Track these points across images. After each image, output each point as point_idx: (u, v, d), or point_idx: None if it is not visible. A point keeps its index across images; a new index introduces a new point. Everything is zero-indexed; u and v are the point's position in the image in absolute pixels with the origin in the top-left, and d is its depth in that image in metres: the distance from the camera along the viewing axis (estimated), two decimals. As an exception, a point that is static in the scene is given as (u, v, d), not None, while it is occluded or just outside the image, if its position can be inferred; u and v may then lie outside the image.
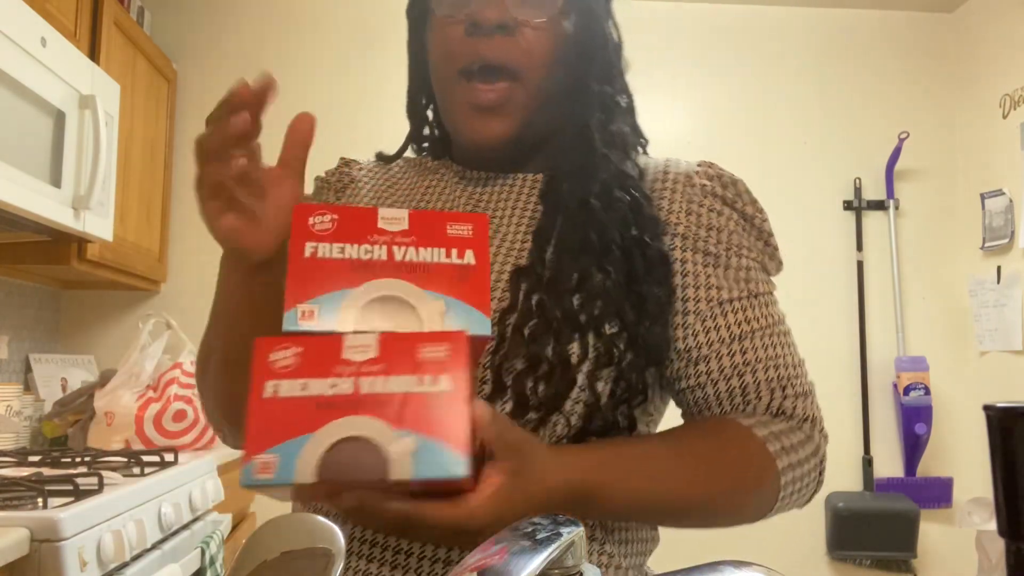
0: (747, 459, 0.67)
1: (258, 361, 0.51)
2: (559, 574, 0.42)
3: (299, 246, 0.56)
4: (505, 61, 0.69)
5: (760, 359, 0.71)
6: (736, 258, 0.73)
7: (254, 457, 0.49)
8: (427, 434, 0.50)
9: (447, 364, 0.52)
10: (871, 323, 3.02)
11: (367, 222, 0.57)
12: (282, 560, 0.48)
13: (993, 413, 0.43)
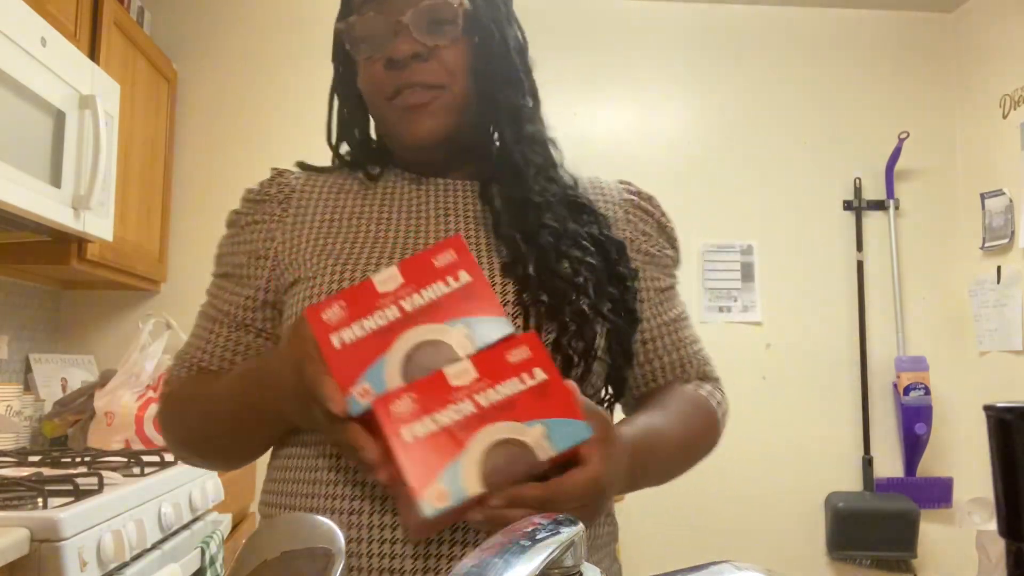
0: (708, 415, 0.86)
1: (383, 416, 0.59)
2: (559, 574, 0.42)
3: (326, 341, 0.62)
4: (426, 80, 0.79)
5: (687, 337, 0.91)
6: (662, 257, 0.91)
7: (425, 492, 0.57)
8: (548, 417, 0.60)
9: (533, 359, 0.62)
10: (871, 323, 3.02)
11: (368, 293, 0.63)
12: (282, 560, 0.48)
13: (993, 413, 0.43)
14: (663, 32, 3.11)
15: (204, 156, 2.87)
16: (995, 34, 2.93)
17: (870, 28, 3.15)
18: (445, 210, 0.84)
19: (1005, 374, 2.80)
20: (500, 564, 0.38)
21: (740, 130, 3.09)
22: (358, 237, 0.82)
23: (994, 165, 2.90)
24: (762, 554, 2.90)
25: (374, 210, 0.85)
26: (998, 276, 2.82)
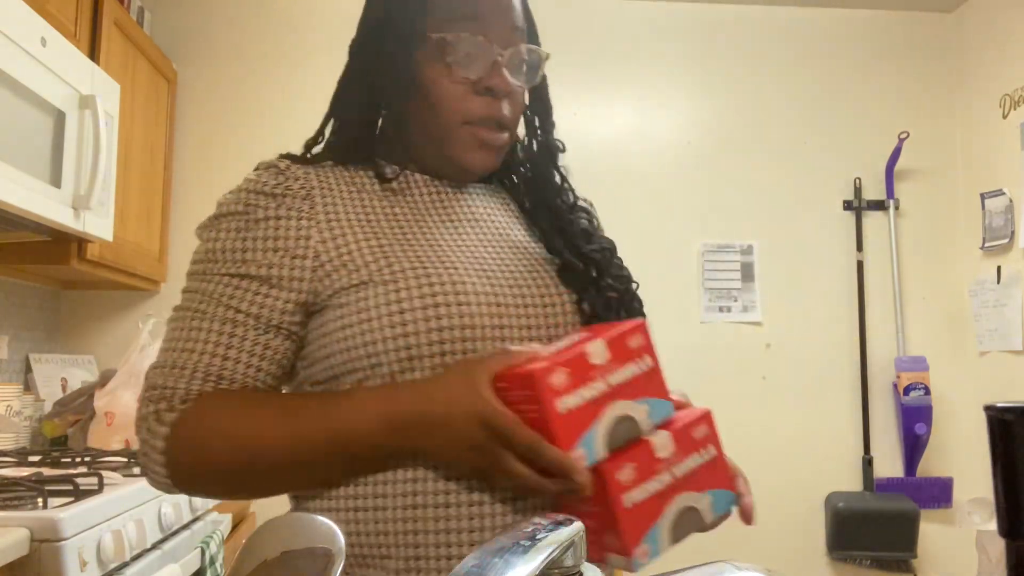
0: None
1: (611, 482, 0.68)
2: (559, 574, 0.42)
3: (551, 405, 0.67)
4: (506, 118, 0.85)
5: None
6: None
7: (635, 550, 0.69)
8: (714, 488, 0.75)
9: (708, 437, 0.75)
10: (871, 323, 3.02)
11: (584, 364, 0.69)
12: (282, 560, 0.48)
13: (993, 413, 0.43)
14: (663, 32, 3.11)
15: (204, 156, 2.87)
16: (995, 34, 2.93)
17: (870, 28, 3.15)
18: (491, 214, 0.90)
19: (1005, 374, 2.80)
20: (500, 564, 0.38)
21: (740, 130, 3.09)
22: (415, 240, 0.81)
23: (994, 165, 2.90)
24: (762, 554, 2.90)
25: (407, 212, 0.84)
26: (998, 276, 2.82)
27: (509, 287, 0.81)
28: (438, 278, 0.77)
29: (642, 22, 3.12)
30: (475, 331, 0.76)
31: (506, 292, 0.80)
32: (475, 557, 0.39)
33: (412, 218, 0.84)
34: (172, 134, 2.79)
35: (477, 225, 0.87)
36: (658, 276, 3.00)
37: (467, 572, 0.38)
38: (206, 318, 0.79)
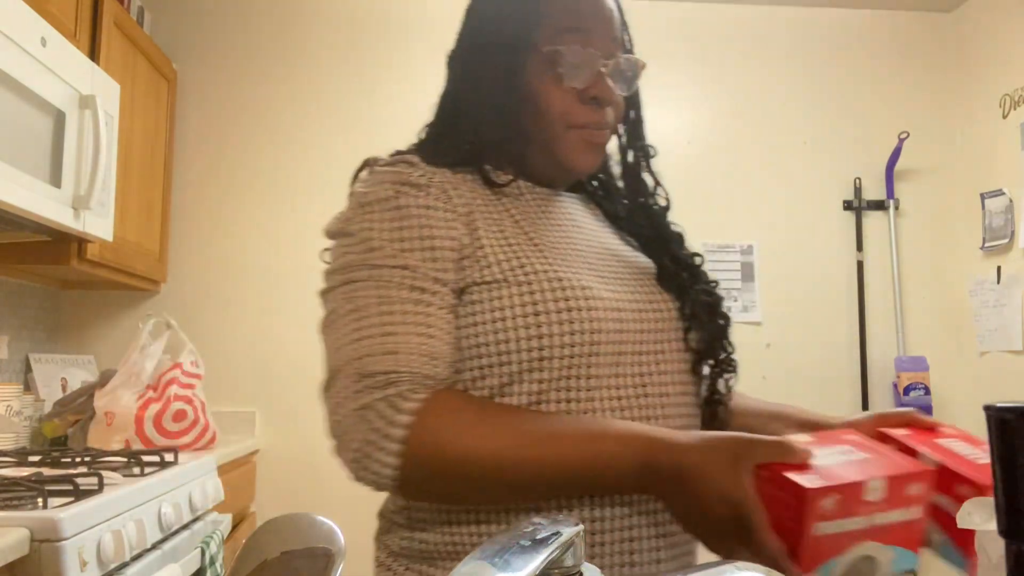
0: None
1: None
2: (559, 574, 0.42)
3: (809, 527, 0.66)
4: (611, 123, 0.91)
5: None
6: None
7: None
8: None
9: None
10: (871, 323, 3.02)
11: (856, 496, 0.67)
12: (282, 560, 0.48)
13: (993, 413, 0.43)
14: (663, 32, 3.11)
15: (204, 156, 2.87)
16: (995, 34, 2.93)
17: (870, 28, 3.15)
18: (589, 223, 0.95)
19: (1005, 374, 2.80)
20: (500, 564, 0.38)
21: (740, 130, 3.09)
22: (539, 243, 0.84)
23: (994, 165, 2.90)
24: (762, 554, 2.90)
25: (523, 216, 0.87)
26: (998, 276, 2.82)
27: (624, 293, 0.86)
28: (568, 282, 0.80)
29: (642, 22, 3.11)
30: (601, 335, 0.79)
31: (622, 298, 0.85)
32: (475, 557, 0.39)
33: (527, 221, 0.86)
34: (172, 134, 2.79)
35: (580, 231, 0.91)
36: (658, 276, 3.00)
37: (467, 572, 0.38)
38: (395, 301, 0.78)
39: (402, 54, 2.96)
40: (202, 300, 2.80)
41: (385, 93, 2.92)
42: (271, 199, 2.83)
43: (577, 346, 0.78)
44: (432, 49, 3.11)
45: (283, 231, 2.82)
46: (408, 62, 2.95)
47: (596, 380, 0.80)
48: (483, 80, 0.88)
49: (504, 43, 0.87)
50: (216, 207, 2.82)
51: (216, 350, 2.72)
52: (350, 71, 2.95)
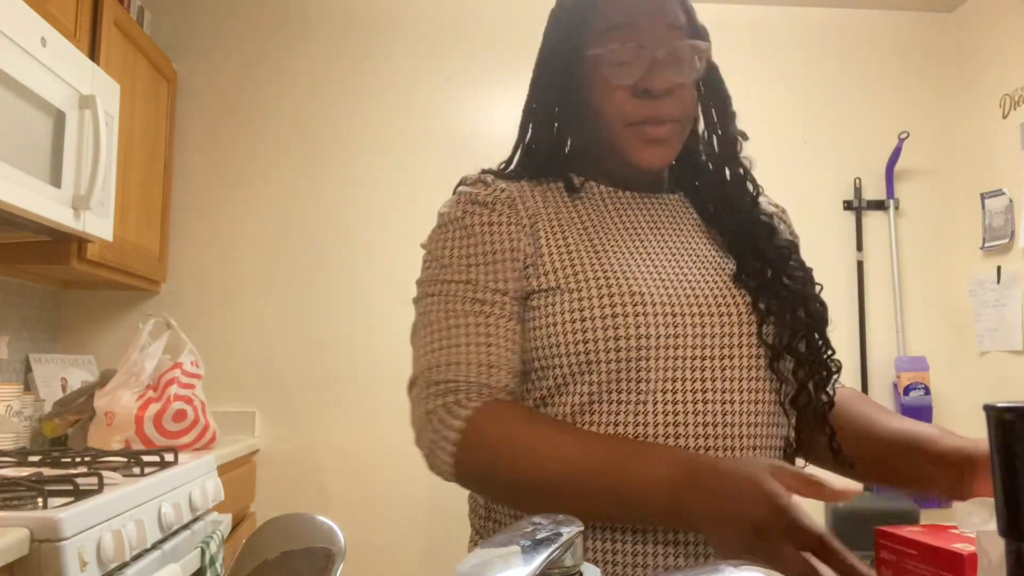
0: None
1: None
2: (559, 574, 0.42)
3: None
4: (672, 114, 0.87)
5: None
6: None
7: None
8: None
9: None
10: (871, 323, 3.02)
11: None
12: (282, 560, 0.48)
13: (993, 413, 0.43)
14: (663, 32, 3.11)
15: (204, 156, 2.87)
16: (995, 34, 2.93)
17: (870, 28, 3.15)
18: (672, 223, 0.93)
19: (1005, 374, 2.80)
20: (500, 564, 0.38)
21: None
22: (600, 248, 0.86)
23: (994, 165, 2.90)
24: (762, 554, 2.90)
25: (594, 220, 0.89)
26: (998, 276, 2.82)
27: (685, 295, 0.84)
28: (618, 287, 0.81)
29: (642, 22, 3.12)
30: (650, 340, 0.80)
31: (682, 301, 0.83)
32: (475, 557, 0.39)
33: (598, 226, 0.89)
34: (172, 134, 2.79)
35: (657, 232, 0.91)
36: (658, 276, 3.00)
37: (467, 572, 0.38)
38: (459, 315, 0.85)
39: (402, 54, 2.96)
40: (202, 300, 2.80)
41: (385, 92, 2.92)
42: (271, 199, 2.83)
43: (623, 351, 0.80)
44: (431, 49, 3.12)
45: (283, 231, 2.82)
46: (408, 62, 2.95)
47: (648, 384, 0.80)
48: (547, 92, 0.94)
49: (557, 54, 0.92)
50: (216, 207, 2.82)
51: (216, 350, 2.72)
52: (350, 71, 2.94)
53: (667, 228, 0.92)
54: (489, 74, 3.00)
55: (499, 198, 0.89)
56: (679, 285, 0.85)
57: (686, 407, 0.80)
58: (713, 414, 0.81)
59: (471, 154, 2.91)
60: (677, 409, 0.80)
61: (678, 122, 0.88)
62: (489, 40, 3.03)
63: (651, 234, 0.90)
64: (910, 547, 0.72)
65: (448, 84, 2.97)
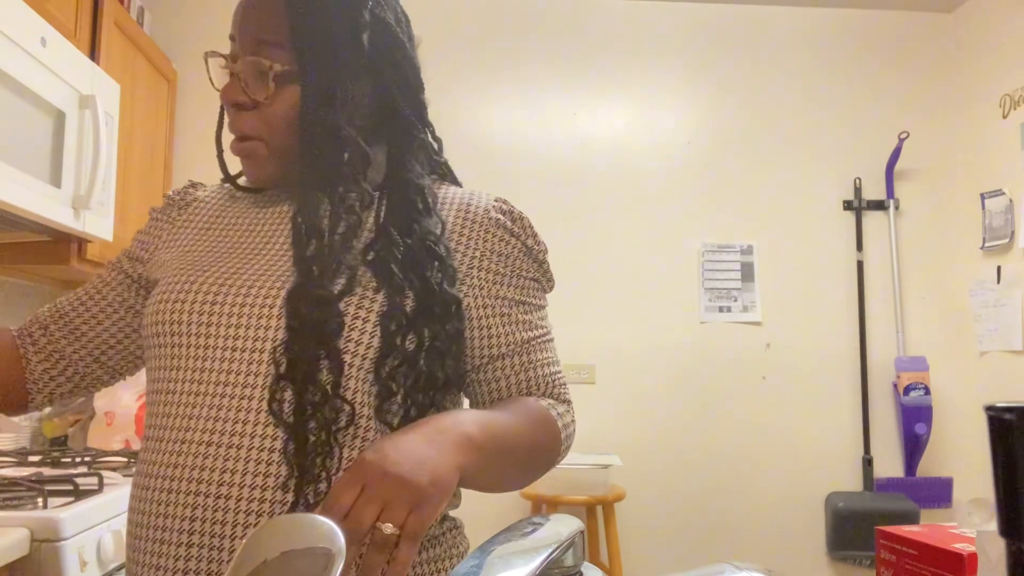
0: (551, 428, 0.87)
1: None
2: (559, 574, 0.42)
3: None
4: (249, 131, 0.87)
5: (539, 359, 0.91)
6: (518, 277, 0.90)
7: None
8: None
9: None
10: (871, 323, 3.02)
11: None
12: (282, 560, 0.48)
13: (993, 413, 0.43)
14: (663, 32, 3.11)
15: (204, 156, 2.87)
16: (995, 34, 2.93)
17: (870, 28, 3.15)
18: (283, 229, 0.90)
19: (1005, 374, 2.80)
20: (500, 564, 0.38)
21: (740, 130, 3.09)
22: (201, 247, 0.90)
23: (994, 165, 2.90)
24: (762, 554, 2.90)
25: (204, 223, 0.95)
26: (998, 276, 2.82)
27: (236, 287, 0.82)
28: (176, 280, 0.85)
29: (642, 22, 3.12)
30: (181, 326, 0.82)
31: (231, 292, 0.82)
32: (475, 557, 0.39)
33: (201, 229, 0.94)
34: (172, 134, 2.79)
35: (250, 234, 0.90)
36: (658, 276, 3.00)
37: (467, 572, 0.38)
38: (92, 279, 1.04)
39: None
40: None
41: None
42: (271, 199, 2.83)
43: (161, 335, 0.83)
44: (429, 50, 3.11)
45: (283, 231, 2.82)
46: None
47: (178, 372, 0.81)
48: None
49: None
50: (216, 207, 2.81)
51: (216, 350, 2.72)
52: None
53: (266, 230, 0.90)
54: (488, 74, 3.00)
55: (173, 200, 1.01)
56: (236, 277, 0.83)
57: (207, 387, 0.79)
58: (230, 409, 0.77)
59: (470, 154, 2.91)
60: (196, 401, 0.79)
61: (261, 140, 0.86)
62: (486, 40, 3.03)
63: (241, 235, 0.91)
64: (910, 547, 0.72)
65: (446, 84, 2.97)
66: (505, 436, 0.78)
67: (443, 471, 0.67)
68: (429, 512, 0.64)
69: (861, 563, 2.89)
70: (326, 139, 0.84)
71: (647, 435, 2.93)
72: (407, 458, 0.66)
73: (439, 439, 0.70)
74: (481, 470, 0.73)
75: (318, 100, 0.84)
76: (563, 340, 2.98)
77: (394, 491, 0.63)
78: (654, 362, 2.96)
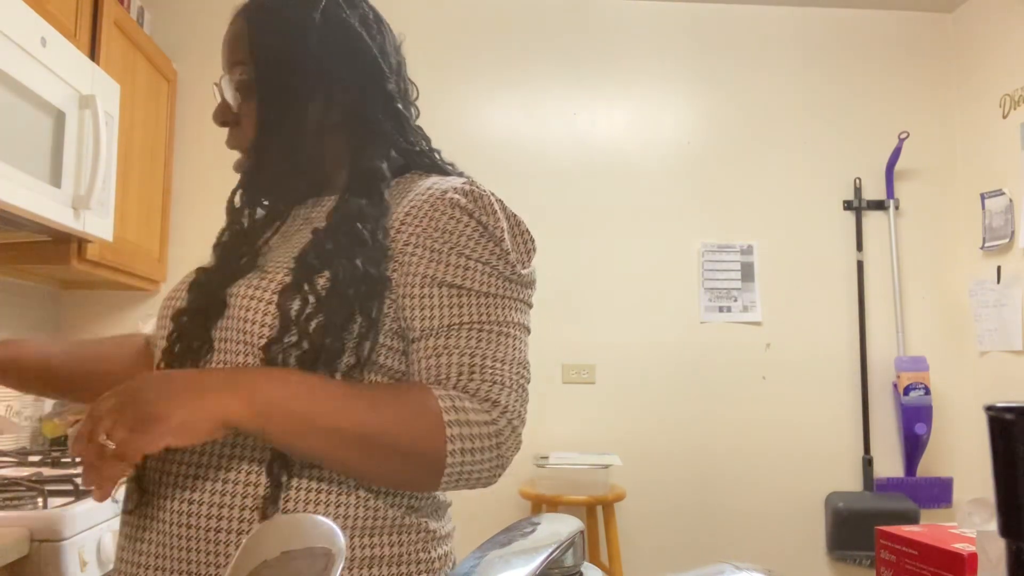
0: (419, 412, 0.77)
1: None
2: (559, 574, 0.42)
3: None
4: (235, 146, 0.93)
5: (462, 346, 0.81)
6: (458, 257, 0.83)
7: None
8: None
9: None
10: (871, 323, 3.02)
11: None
12: (282, 560, 0.48)
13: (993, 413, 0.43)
14: (663, 32, 3.11)
15: (204, 156, 2.87)
16: (995, 34, 2.93)
17: (870, 28, 3.15)
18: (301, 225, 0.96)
19: (1005, 374, 2.80)
20: (500, 564, 0.38)
21: (740, 130, 3.09)
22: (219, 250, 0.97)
23: (994, 165, 2.90)
24: (762, 554, 2.90)
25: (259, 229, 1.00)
26: (998, 276, 2.82)
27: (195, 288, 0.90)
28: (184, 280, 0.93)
29: (642, 22, 3.12)
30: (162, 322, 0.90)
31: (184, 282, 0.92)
32: (475, 556, 0.39)
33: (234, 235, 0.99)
34: (172, 134, 2.79)
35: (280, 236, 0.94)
36: (658, 276, 3.00)
37: (467, 571, 0.38)
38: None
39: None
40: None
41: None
42: (271, 199, 2.83)
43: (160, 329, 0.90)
44: (428, 50, 3.11)
45: (283, 231, 2.82)
46: (407, 62, 2.95)
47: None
48: None
49: None
50: (216, 207, 2.81)
51: (216, 350, 2.71)
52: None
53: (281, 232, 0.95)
54: (488, 74, 3.00)
55: None
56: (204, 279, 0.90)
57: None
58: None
59: (470, 154, 2.91)
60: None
61: (243, 152, 0.93)
62: (486, 40, 3.03)
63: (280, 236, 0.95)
64: (910, 547, 0.72)
65: (446, 85, 2.97)
66: (321, 403, 0.74)
67: (190, 410, 0.69)
68: (148, 440, 0.67)
69: (861, 563, 2.89)
70: (273, 140, 0.90)
71: (647, 435, 2.93)
72: (159, 388, 0.70)
73: (213, 383, 0.72)
74: (267, 427, 0.72)
75: (268, 104, 0.90)
76: (563, 340, 2.99)
77: (127, 412, 0.68)
78: (654, 362, 2.96)
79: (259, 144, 0.90)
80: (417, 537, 0.83)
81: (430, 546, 0.85)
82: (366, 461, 0.76)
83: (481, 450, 0.78)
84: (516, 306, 0.85)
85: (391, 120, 0.94)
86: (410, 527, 0.83)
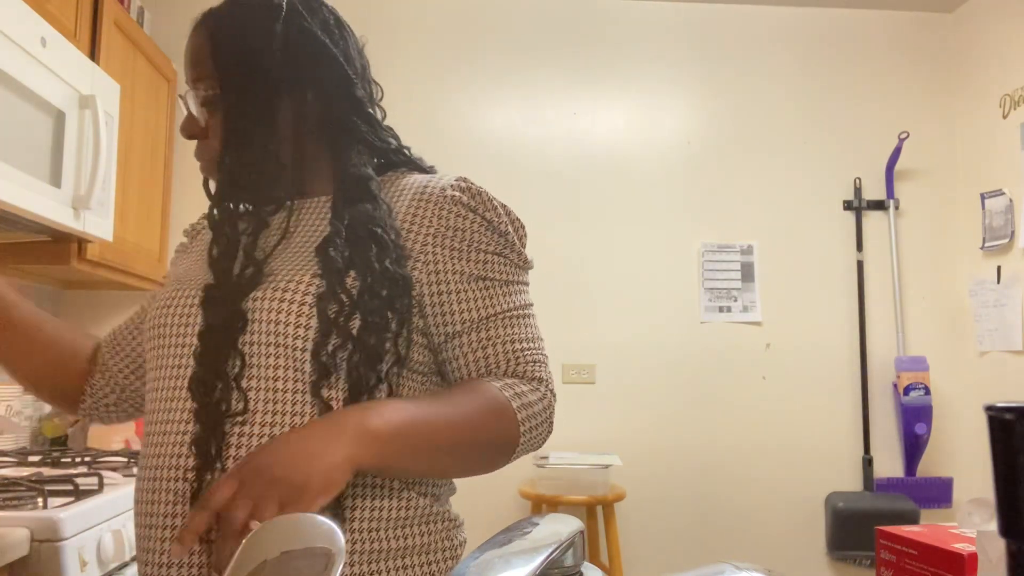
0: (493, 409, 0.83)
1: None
2: (559, 574, 0.42)
3: None
4: (203, 159, 0.93)
5: (503, 335, 0.88)
6: (476, 252, 0.89)
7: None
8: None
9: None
10: (871, 323, 3.02)
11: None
12: (282, 560, 0.48)
13: (993, 413, 0.43)
14: (663, 32, 3.11)
15: (204, 156, 2.87)
16: (995, 34, 2.93)
17: (870, 28, 3.15)
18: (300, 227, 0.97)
19: (1005, 374, 2.80)
20: (500, 564, 0.38)
21: (740, 130, 3.09)
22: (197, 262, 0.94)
23: (994, 165, 2.90)
24: (762, 554, 2.90)
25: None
26: (998, 276, 2.82)
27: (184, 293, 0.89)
28: (162, 293, 0.91)
29: (642, 22, 3.12)
30: (154, 330, 0.89)
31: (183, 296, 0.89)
32: (475, 556, 0.39)
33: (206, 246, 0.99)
34: (172, 134, 2.79)
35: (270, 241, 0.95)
36: (658, 276, 3.00)
37: (467, 572, 0.38)
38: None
39: (399, 56, 2.96)
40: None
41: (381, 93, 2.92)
42: (271, 199, 2.83)
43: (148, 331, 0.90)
44: (429, 50, 3.11)
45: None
46: (406, 64, 2.95)
47: (155, 371, 0.88)
48: None
49: None
50: (216, 207, 2.81)
51: (216, 350, 2.71)
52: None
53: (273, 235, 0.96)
54: (488, 74, 3.00)
55: (190, 230, 1.09)
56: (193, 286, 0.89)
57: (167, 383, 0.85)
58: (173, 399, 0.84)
59: (470, 154, 2.91)
60: (163, 385, 0.86)
61: (207, 163, 0.93)
62: (486, 40, 3.03)
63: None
64: (910, 547, 0.73)
65: (447, 85, 2.97)
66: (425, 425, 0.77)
67: (324, 466, 0.69)
68: (303, 509, 0.66)
69: (861, 563, 2.89)
70: (243, 153, 0.89)
71: (647, 435, 2.93)
72: (285, 456, 0.69)
73: (330, 434, 0.71)
74: (387, 461, 0.74)
75: (235, 116, 0.89)
76: (563, 340, 2.99)
77: (265, 489, 0.67)
78: (654, 362, 2.96)
79: (229, 157, 0.90)
80: (443, 526, 0.88)
81: (452, 534, 0.89)
82: (459, 463, 0.82)
83: (541, 424, 0.87)
84: (527, 289, 0.94)
85: (365, 123, 0.95)
86: (436, 516, 0.87)
